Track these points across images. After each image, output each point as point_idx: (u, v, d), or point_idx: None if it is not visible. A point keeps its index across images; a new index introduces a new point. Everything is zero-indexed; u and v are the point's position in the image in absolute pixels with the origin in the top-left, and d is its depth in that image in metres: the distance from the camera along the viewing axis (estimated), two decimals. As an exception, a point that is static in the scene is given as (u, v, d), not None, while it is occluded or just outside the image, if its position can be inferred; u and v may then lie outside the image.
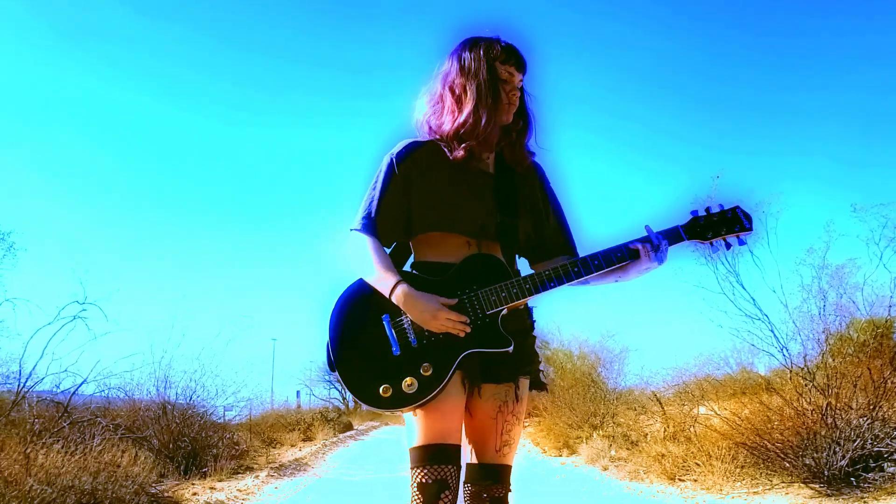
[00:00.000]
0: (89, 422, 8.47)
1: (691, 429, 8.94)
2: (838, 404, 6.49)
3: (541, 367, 2.50)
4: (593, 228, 2.68)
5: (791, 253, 7.72)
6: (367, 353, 2.24)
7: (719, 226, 2.33)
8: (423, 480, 2.18)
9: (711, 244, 2.36)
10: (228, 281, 45.68)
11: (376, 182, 2.38)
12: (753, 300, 7.34)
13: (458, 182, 2.34)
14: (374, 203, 2.35)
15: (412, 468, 2.22)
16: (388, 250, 2.40)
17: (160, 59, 41.92)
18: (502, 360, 2.26)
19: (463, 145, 2.32)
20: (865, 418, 6.36)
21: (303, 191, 46.78)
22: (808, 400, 6.70)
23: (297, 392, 33.75)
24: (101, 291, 10.36)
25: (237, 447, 11.78)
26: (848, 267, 7.42)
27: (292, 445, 15.55)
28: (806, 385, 6.84)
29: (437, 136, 2.40)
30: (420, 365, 2.19)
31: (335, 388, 41.61)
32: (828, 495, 6.11)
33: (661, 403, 10.52)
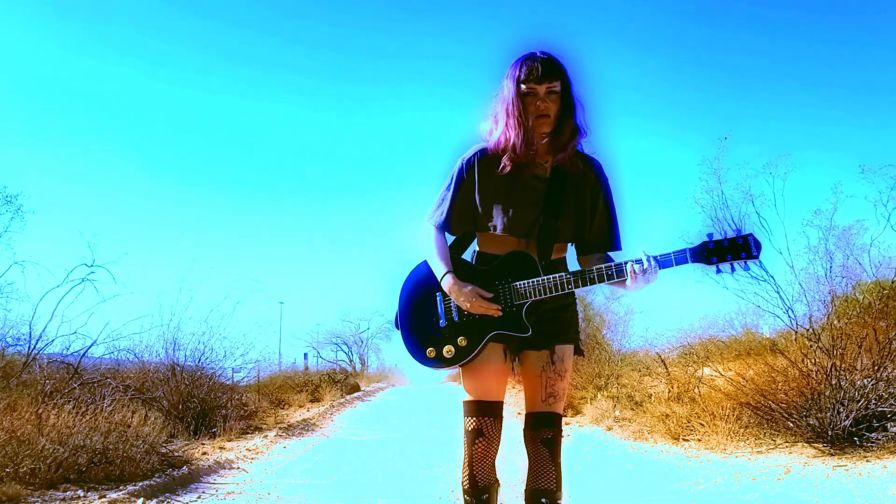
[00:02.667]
0: (99, 383, 8.57)
1: (695, 390, 8.99)
2: (843, 365, 6.51)
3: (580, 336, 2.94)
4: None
5: (798, 214, 7.70)
6: (422, 321, 2.83)
7: (726, 251, 2.57)
8: (467, 427, 2.76)
9: (717, 268, 2.59)
10: (236, 244, 45.71)
11: (450, 183, 2.85)
12: (759, 261, 7.31)
13: (510, 190, 2.76)
14: (446, 202, 2.84)
15: (463, 417, 2.79)
16: (453, 237, 2.93)
17: (161, 34, 41.58)
18: (540, 332, 2.74)
19: (506, 160, 2.73)
20: (870, 379, 6.39)
21: (309, 158, 46.67)
22: (813, 361, 6.72)
23: (305, 354, 33.98)
24: (109, 254, 10.38)
25: (246, 408, 11.90)
26: (855, 228, 7.39)
27: (300, 406, 15.70)
28: (811, 346, 6.86)
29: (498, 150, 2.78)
30: (458, 337, 2.74)
31: (342, 350, 41.96)
32: (831, 454, 6.17)
33: (665, 365, 10.57)
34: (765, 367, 7.20)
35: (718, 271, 2.59)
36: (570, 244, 2.90)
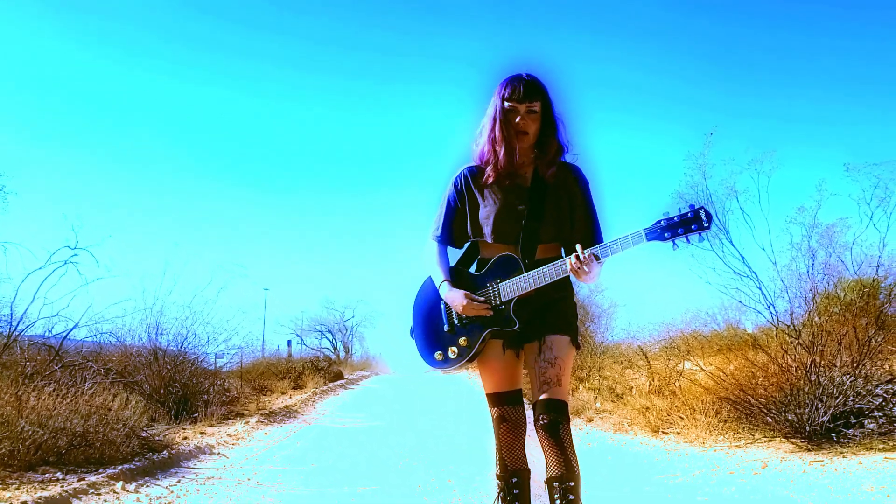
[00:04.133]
0: (81, 366, 8.52)
1: (676, 383, 9.06)
2: (823, 361, 6.57)
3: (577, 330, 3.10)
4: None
5: (782, 211, 7.72)
6: (431, 328, 3.14)
7: (678, 226, 2.71)
8: (492, 416, 3.03)
9: (673, 242, 2.72)
10: (222, 230, 45.62)
11: (445, 201, 3.15)
12: (742, 258, 7.36)
13: (496, 200, 3.02)
14: (441, 218, 3.16)
15: (489, 407, 3.05)
16: (462, 251, 3.22)
17: (142, 24, 41.27)
18: (532, 325, 2.94)
19: (489, 171, 3.01)
20: (848, 376, 6.45)
21: (297, 147, 46.54)
22: (794, 357, 6.78)
23: (289, 341, 33.99)
24: (92, 237, 10.29)
25: (228, 394, 11.88)
26: (838, 226, 7.42)
27: (283, 393, 15.69)
28: (791, 342, 6.92)
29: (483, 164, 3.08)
30: (460, 338, 3.01)
31: (326, 338, 41.94)
32: (808, 450, 6.23)
33: (647, 358, 10.63)
34: (745, 363, 7.25)
35: (675, 246, 2.73)
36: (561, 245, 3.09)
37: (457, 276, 3.11)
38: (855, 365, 6.52)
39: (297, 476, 6.07)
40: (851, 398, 6.39)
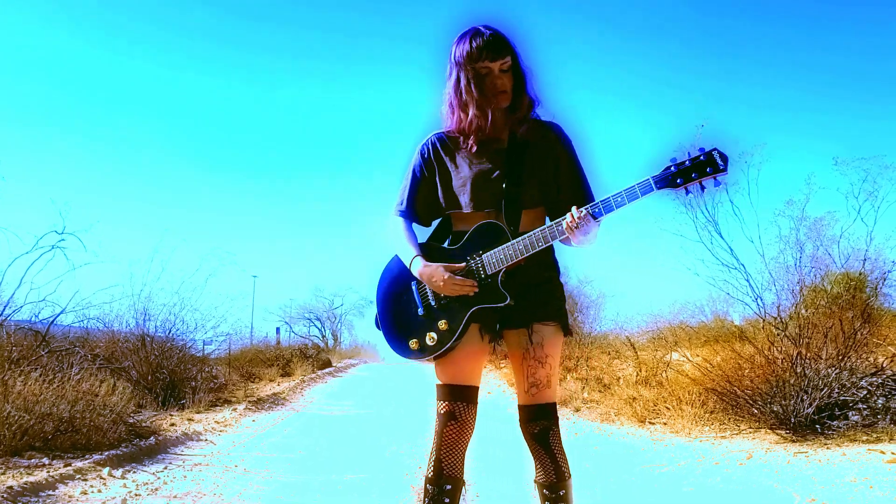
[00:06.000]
0: (68, 351, 8.49)
1: (663, 374, 9.11)
2: (808, 354, 6.62)
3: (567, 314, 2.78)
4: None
5: (771, 204, 7.78)
6: (401, 314, 2.75)
7: (691, 171, 2.39)
8: (438, 410, 2.67)
9: (686, 189, 2.41)
10: (211, 217, 45.43)
11: (410, 173, 2.83)
12: (731, 250, 7.40)
13: (472, 166, 2.71)
14: (406, 190, 2.82)
15: (436, 401, 2.69)
16: (432, 229, 2.88)
17: (131, 11, 40.97)
18: (516, 308, 2.61)
19: (472, 141, 2.69)
20: (834, 368, 6.50)
21: (286, 133, 46.37)
22: (780, 349, 6.83)
23: (277, 329, 33.91)
24: (80, 222, 10.26)
25: (216, 381, 11.88)
26: (826, 220, 7.48)
27: (271, 380, 15.68)
28: (778, 334, 6.97)
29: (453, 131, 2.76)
30: (439, 321, 2.64)
31: (315, 325, 41.91)
32: (792, 441, 6.28)
33: (634, 348, 10.68)
34: (732, 354, 7.30)
35: (688, 193, 2.43)
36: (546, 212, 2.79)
37: (429, 253, 2.73)
38: (840, 357, 6.58)
39: (284, 463, 6.08)
40: (836, 390, 6.44)
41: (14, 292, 7.98)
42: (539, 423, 2.61)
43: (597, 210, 2.49)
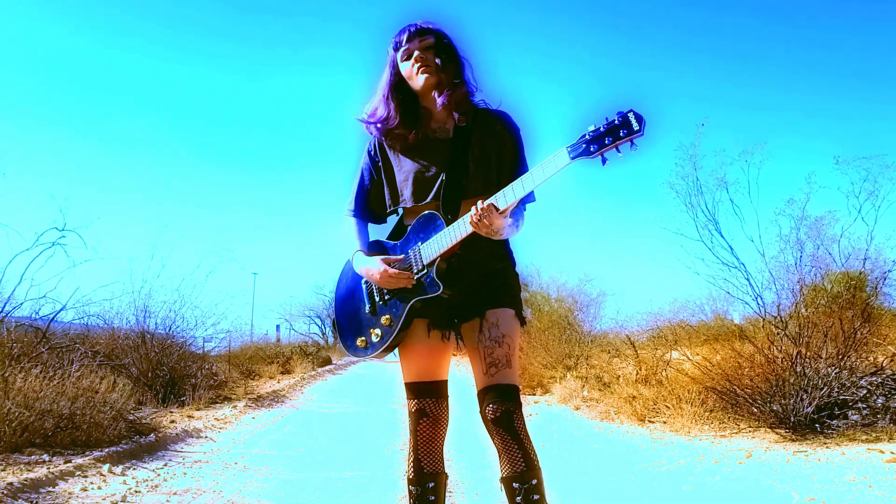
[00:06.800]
0: (68, 348, 8.49)
1: (663, 372, 9.10)
2: (808, 353, 6.62)
3: (519, 302, 2.67)
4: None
5: (771, 203, 7.79)
6: (351, 312, 2.75)
7: (605, 136, 2.20)
8: (409, 409, 2.67)
9: (602, 157, 2.23)
10: (211, 214, 45.50)
11: (358, 173, 2.82)
12: (731, 248, 7.41)
13: (414, 160, 2.67)
14: (354, 189, 2.82)
15: (406, 399, 2.69)
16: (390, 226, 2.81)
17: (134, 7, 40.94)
18: (469, 300, 2.56)
19: (400, 131, 2.67)
20: (833, 367, 6.50)
21: (287, 128, 46.32)
22: (780, 348, 6.82)
23: (277, 326, 33.99)
24: (81, 219, 10.25)
25: (216, 378, 11.89)
26: (827, 219, 7.47)
27: (270, 378, 15.70)
28: (778, 333, 6.96)
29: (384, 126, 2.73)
30: (382, 317, 2.62)
31: (315, 323, 41.95)
32: (792, 440, 6.28)
33: (634, 347, 10.67)
34: (732, 353, 7.29)
35: (604, 161, 2.23)
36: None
37: (376, 249, 2.72)
38: (840, 357, 6.57)
39: (283, 460, 6.09)
40: (836, 389, 6.44)
41: (15, 289, 7.99)
42: (502, 405, 2.43)
43: (507, 195, 2.36)
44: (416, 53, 2.61)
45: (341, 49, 46.49)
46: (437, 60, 2.62)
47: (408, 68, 2.63)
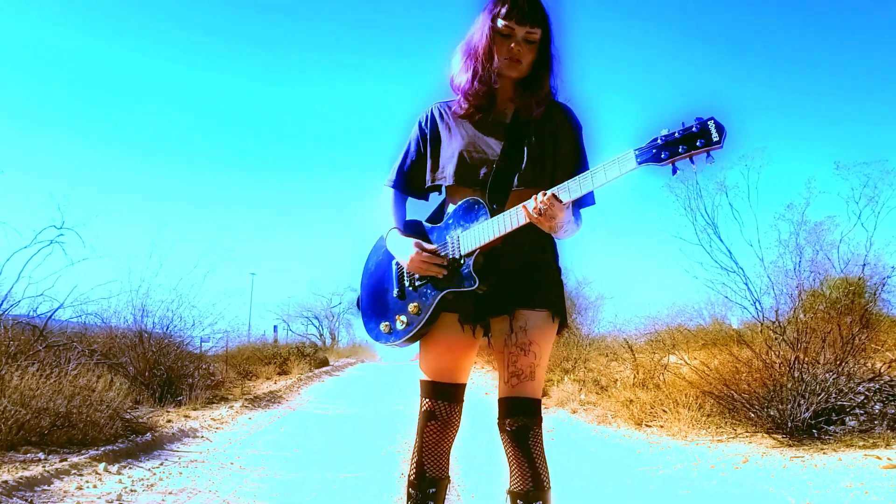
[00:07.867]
0: (65, 346, 8.47)
1: (660, 376, 9.10)
2: (806, 358, 6.62)
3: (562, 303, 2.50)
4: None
5: (771, 208, 7.78)
6: (377, 293, 2.57)
7: (679, 143, 2.01)
8: (420, 408, 2.50)
9: (673, 166, 2.04)
10: (209, 213, 45.48)
11: (408, 142, 2.62)
12: (730, 253, 7.41)
13: (464, 136, 2.49)
14: (399, 160, 2.62)
15: (420, 397, 2.53)
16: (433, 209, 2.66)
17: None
18: (502, 294, 2.36)
19: (462, 102, 2.49)
20: (831, 373, 6.50)
21: (285, 128, 46.34)
22: (777, 353, 6.82)
23: (275, 326, 33.92)
24: (79, 217, 10.26)
25: (213, 378, 11.87)
26: (826, 224, 7.48)
27: (268, 378, 15.67)
28: (776, 338, 6.96)
29: (459, 95, 2.53)
30: (411, 304, 2.43)
31: (312, 324, 41.90)
32: (789, 445, 6.27)
33: (632, 351, 10.68)
34: (730, 358, 7.29)
35: (675, 170, 2.04)
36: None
37: (413, 229, 2.52)
38: (838, 362, 6.57)
39: (280, 461, 6.07)
40: (834, 395, 6.43)
41: (12, 287, 7.98)
42: (517, 420, 2.31)
43: (570, 189, 2.18)
44: (517, 37, 2.38)
45: (341, 52, 46.54)
46: (532, 57, 2.42)
47: (500, 43, 2.39)
